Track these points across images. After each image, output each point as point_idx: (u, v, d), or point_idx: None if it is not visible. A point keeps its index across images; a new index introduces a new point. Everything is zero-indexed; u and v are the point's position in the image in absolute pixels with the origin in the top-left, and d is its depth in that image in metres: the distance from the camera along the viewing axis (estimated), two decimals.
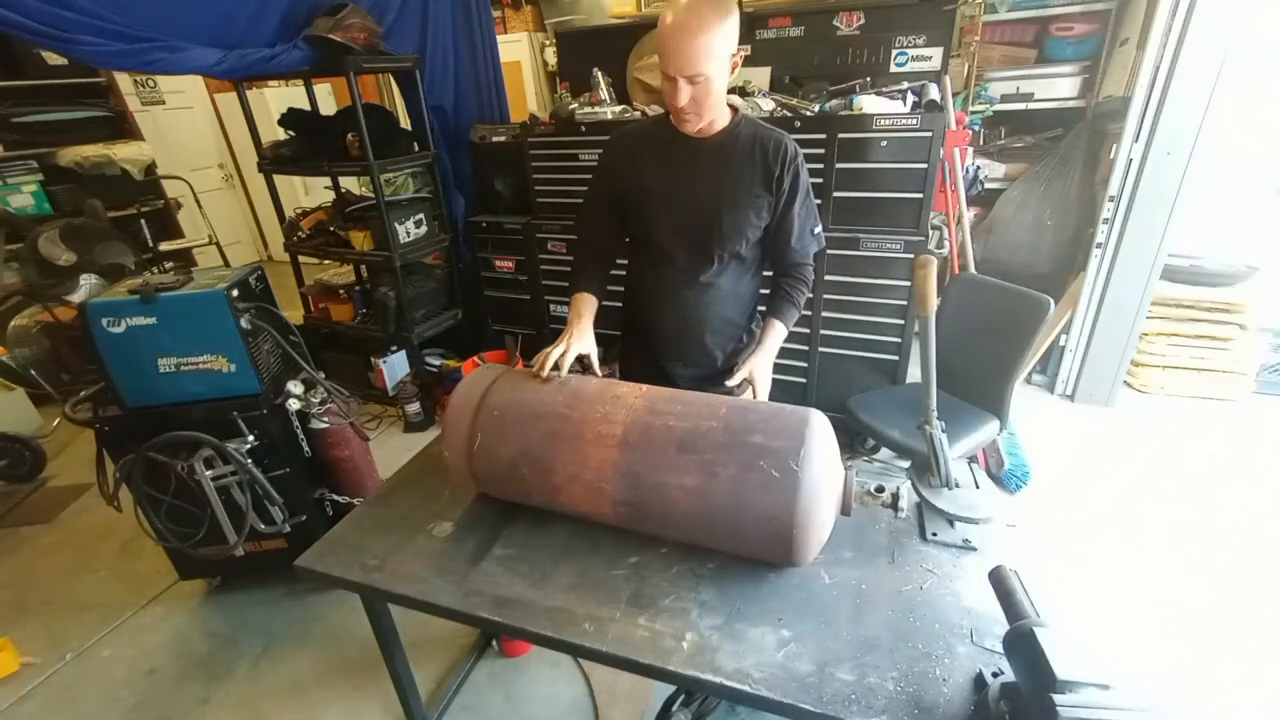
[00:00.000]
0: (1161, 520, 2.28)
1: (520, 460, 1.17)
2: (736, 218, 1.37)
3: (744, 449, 1.04)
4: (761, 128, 1.37)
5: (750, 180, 1.36)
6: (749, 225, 1.39)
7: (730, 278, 1.47)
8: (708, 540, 1.13)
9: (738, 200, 1.37)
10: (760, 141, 1.35)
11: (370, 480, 2.17)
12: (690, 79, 1.18)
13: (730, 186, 1.36)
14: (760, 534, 1.04)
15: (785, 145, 1.35)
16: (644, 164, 1.41)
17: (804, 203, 1.41)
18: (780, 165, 1.34)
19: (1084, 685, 0.73)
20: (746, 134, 1.35)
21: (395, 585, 1.17)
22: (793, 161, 1.36)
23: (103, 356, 1.71)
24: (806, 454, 1.01)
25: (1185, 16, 2.40)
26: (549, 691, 1.79)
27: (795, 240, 1.43)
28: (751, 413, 1.11)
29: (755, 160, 1.35)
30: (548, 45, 4.57)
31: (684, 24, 1.14)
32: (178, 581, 2.22)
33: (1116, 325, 2.89)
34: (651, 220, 1.43)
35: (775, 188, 1.36)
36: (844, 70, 2.84)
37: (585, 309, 1.43)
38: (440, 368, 3.38)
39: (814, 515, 1.01)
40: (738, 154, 1.35)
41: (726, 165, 1.35)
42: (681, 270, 1.45)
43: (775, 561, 1.12)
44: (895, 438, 2.02)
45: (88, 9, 1.94)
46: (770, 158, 1.34)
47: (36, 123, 3.56)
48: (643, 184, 1.41)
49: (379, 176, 2.80)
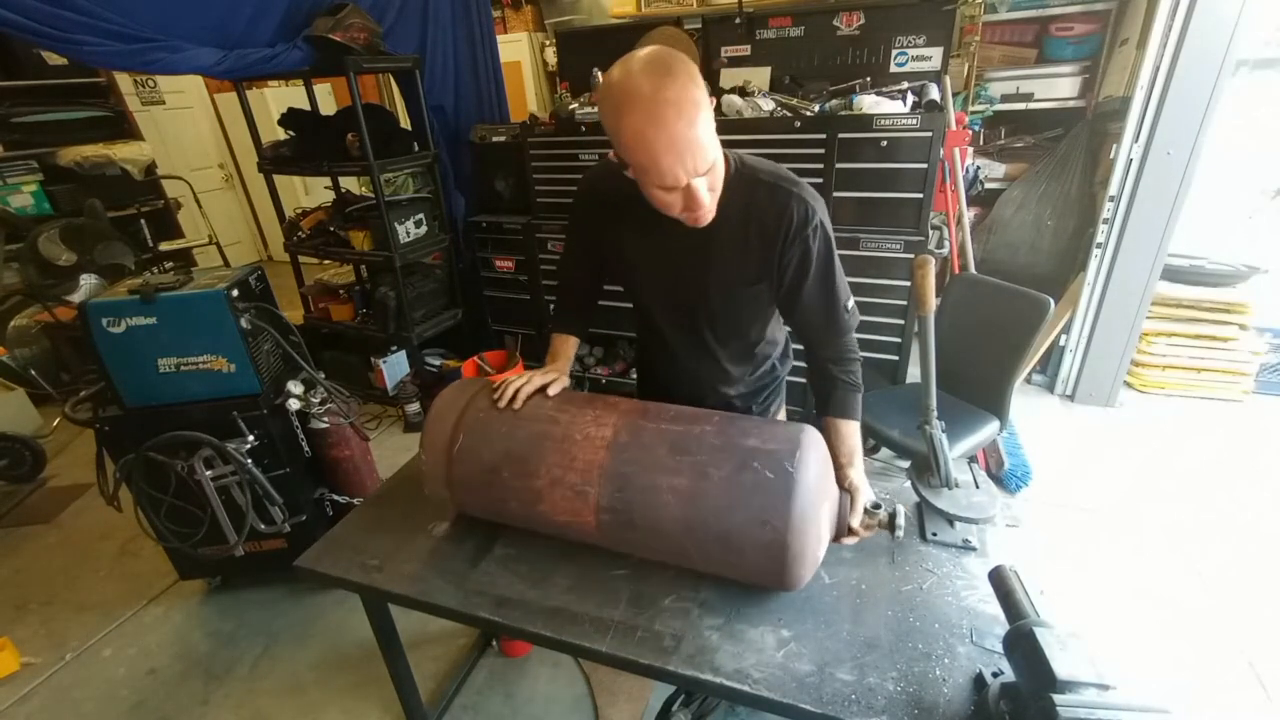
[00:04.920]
0: (1161, 520, 2.28)
1: (503, 463, 1.12)
2: (729, 308, 1.18)
3: (738, 450, 1.02)
4: (759, 189, 1.05)
5: (741, 265, 1.11)
6: (746, 313, 1.21)
7: (740, 343, 1.28)
8: (695, 553, 1.04)
9: (727, 289, 1.15)
10: (756, 213, 1.06)
11: (370, 480, 2.17)
12: (706, 172, 0.93)
13: (716, 274, 1.13)
14: (753, 542, 0.97)
15: (790, 215, 1.04)
16: (622, 228, 1.16)
17: (825, 278, 1.11)
18: (783, 241, 1.06)
19: (1084, 685, 0.73)
20: (738, 204, 1.05)
21: (395, 585, 1.17)
22: (799, 234, 1.05)
23: (103, 356, 1.71)
24: (802, 456, 0.98)
25: (1185, 16, 2.40)
26: (549, 691, 1.79)
27: (826, 320, 1.15)
28: (747, 421, 1.10)
29: (748, 241, 1.08)
30: (548, 45, 4.57)
31: (673, 115, 0.85)
32: (178, 581, 2.23)
33: (1116, 325, 2.89)
34: (637, 291, 1.26)
35: (777, 269, 1.10)
36: (844, 70, 2.84)
37: (563, 350, 1.32)
38: (440, 368, 3.38)
39: (809, 523, 0.96)
40: (725, 234, 1.07)
41: (708, 250, 1.10)
42: (679, 341, 1.28)
43: (767, 581, 1.04)
44: (895, 438, 2.02)
45: (88, 9, 1.94)
46: (769, 234, 1.06)
47: (36, 123, 3.56)
48: (621, 253, 1.19)
49: (379, 176, 2.80)
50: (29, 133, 3.54)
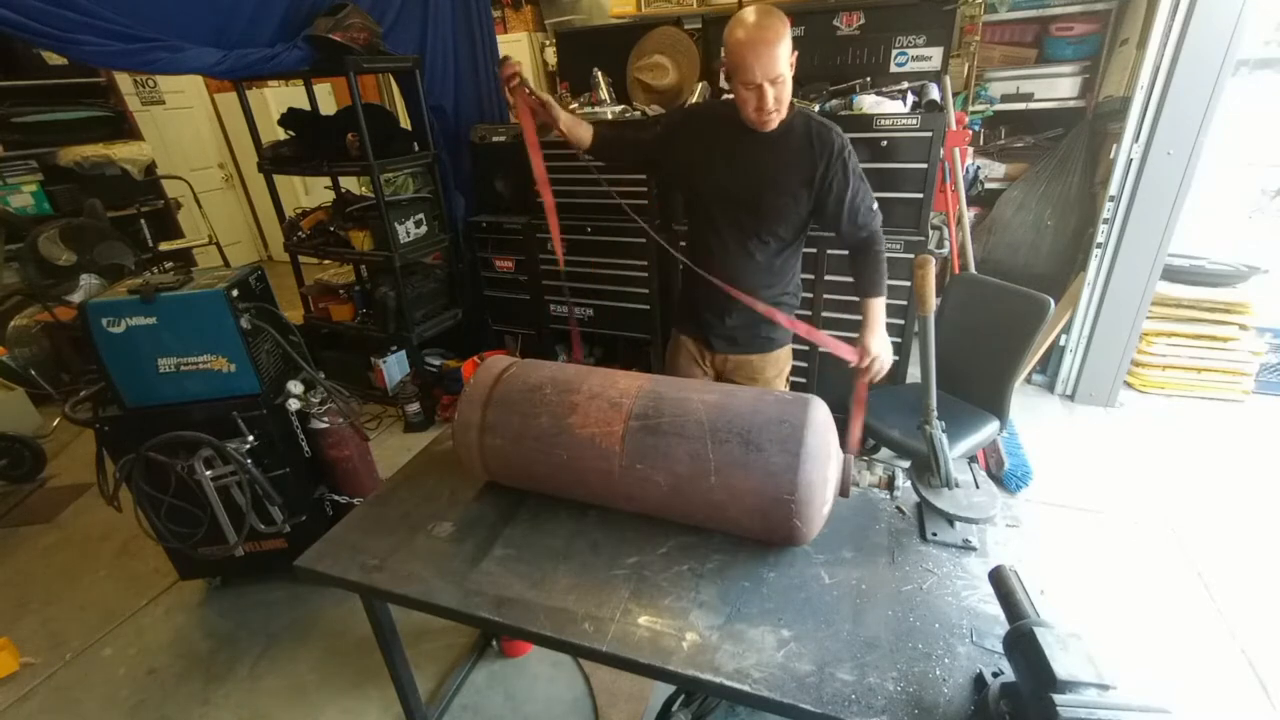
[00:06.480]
0: (1161, 520, 2.28)
1: (548, 382, 1.26)
2: (778, 204, 1.54)
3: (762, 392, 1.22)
4: (813, 119, 1.52)
5: (795, 170, 1.51)
6: (789, 210, 1.55)
7: (769, 255, 1.62)
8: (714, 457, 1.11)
9: (779, 187, 1.52)
10: (812, 135, 1.50)
11: (370, 480, 2.17)
12: (774, 81, 1.35)
13: (773, 174, 1.52)
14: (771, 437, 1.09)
15: (832, 141, 1.49)
16: (709, 138, 1.57)
17: (856, 187, 1.53)
18: (826, 160, 1.49)
19: (1084, 685, 0.73)
20: (800, 126, 1.51)
21: (395, 585, 1.17)
22: (839, 155, 1.49)
23: (103, 356, 1.71)
24: (815, 399, 1.16)
25: (1185, 16, 2.40)
26: (549, 691, 1.79)
27: (860, 218, 1.56)
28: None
29: (804, 154, 1.50)
30: (548, 45, 4.56)
31: (761, 36, 1.32)
32: (178, 581, 2.23)
33: (1116, 325, 2.89)
34: (704, 192, 1.61)
35: (820, 181, 1.51)
36: (844, 70, 2.84)
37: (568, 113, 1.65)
38: (440, 368, 3.38)
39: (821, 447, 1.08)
40: (791, 145, 1.51)
41: (777, 155, 1.51)
42: (729, 235, 1.61)
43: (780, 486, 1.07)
44: (895, 438, 2.02)
45: (88, 9, 1.94)
46: (817, 153, 1.49)
47: (36, 123, 3.57)
48: (692, 159, 1.59)
49: (379, 176, 2.80)
50: (29, 133, 3.55)
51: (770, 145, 1.51)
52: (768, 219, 1.56)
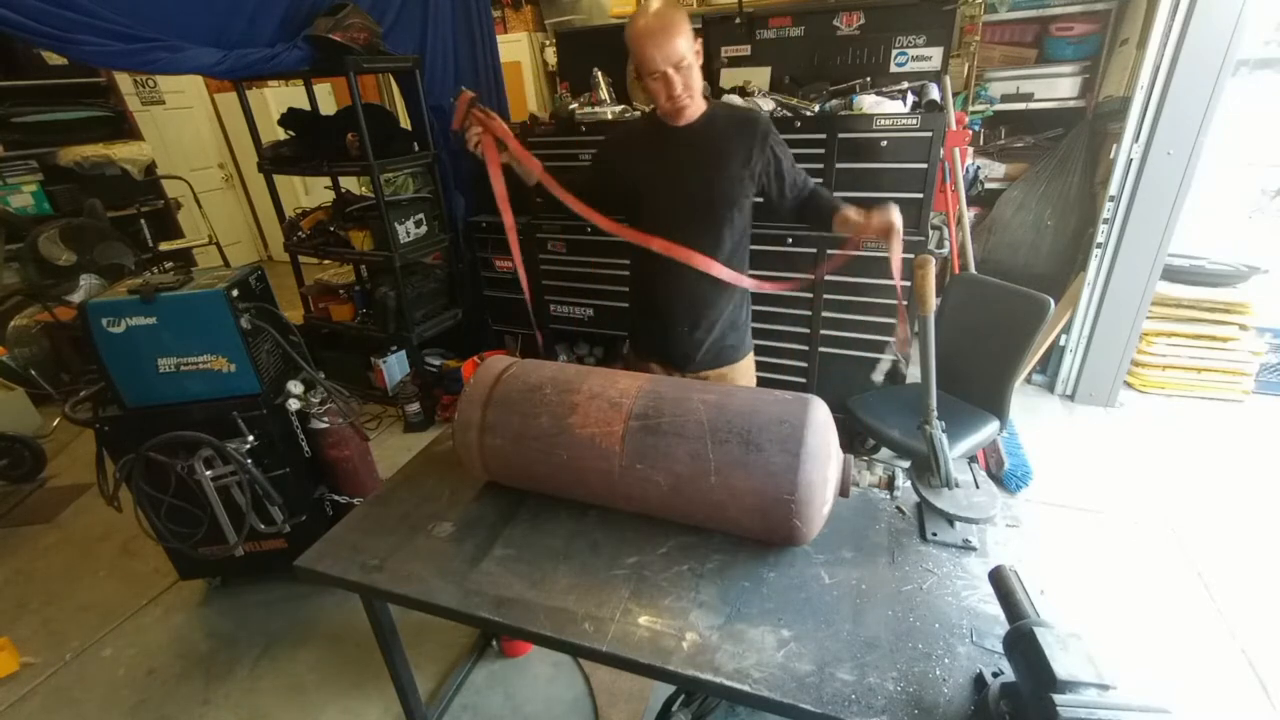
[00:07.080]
0: (1161, 520, 2.28)
1: (548, 382, 1.27)
2: (725, 188, 1.56)
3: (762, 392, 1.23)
4: (735, 109, 1.59)
5: (730, 155, 1.54)
6: (736, 192, 1.56)
7: (725, 251, 1.61)
8: (714, 455, 1.11)
9: (722, 170, 1.55)
10: (737, 122, 1.55)
11: (370, 480, 2.17)
12: (677, 66, 1.38)
13: (710, 159, 1.55)
14: (771, 437, 1.09)
15: (756, 122, 1.55)
16: (640, 152, 1.61)
17: (789, 159, 1.61)
18: (759, 143, 1.54)
19: (1084, 685, 0.73)
20: (723, 115, 1.56)
21: (395, 585, 1.17)
22: (767, 135, 1.54)
23: (103, 356, 1.71)
24: (815, 399, 1.16)
25: (1185, 16, 2.40)
26: (549, 691, 1.79)
27: (799, 184, 1.63)
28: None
29: (733, 139, 1.54)
30: (548, 45, 4.56)
31: (659, 24, 1.35)
32: (178, 581, 2.23)
33: (1116, 325, 2.89)
34: (644, 204, 1.61)
35: (756, 162, 1.55)
36: (844, 70, 2.84)
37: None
38: (440, 368, 3.38)
39: (822, 447, 1.08)
40: (718, 132, 1.54)
41: (709, 142, 1.54)
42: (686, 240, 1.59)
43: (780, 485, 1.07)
44: (895, 438, 2.02)
45: (88, 9, 1.94)
46: (748, 137, 1.53)
47: (36, 123, 3.56)
48: (637, 170, 1.61)
49: (379, 176, 2.80)
50: (29, 133, 3.55)
51: (698, 136, 1.52)
52: (717, 205, 1.56)
